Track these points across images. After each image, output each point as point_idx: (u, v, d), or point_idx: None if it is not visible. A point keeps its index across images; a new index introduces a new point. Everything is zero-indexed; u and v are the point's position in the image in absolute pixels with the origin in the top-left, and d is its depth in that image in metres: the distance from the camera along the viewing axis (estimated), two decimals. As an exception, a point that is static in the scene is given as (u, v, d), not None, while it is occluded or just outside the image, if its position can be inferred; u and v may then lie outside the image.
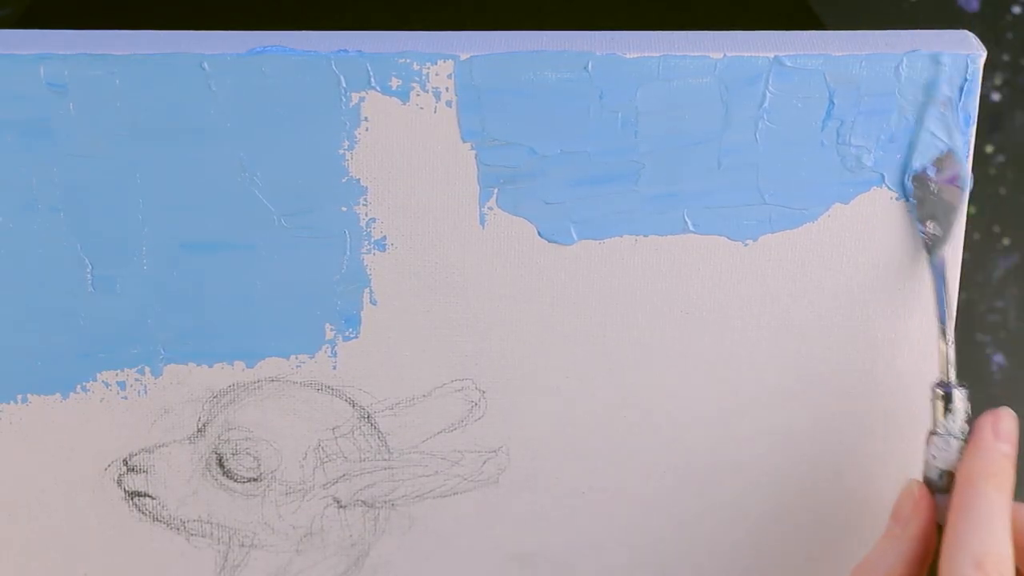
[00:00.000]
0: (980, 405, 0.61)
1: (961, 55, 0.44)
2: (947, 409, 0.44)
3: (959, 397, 0.44)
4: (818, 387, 0.48)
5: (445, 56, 0.44)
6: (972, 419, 0.44)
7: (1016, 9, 0.57)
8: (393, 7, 0.56)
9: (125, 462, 0.49)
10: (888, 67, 0.44)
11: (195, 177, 0.45)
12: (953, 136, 0.45)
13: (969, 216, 0.57)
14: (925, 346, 0.47)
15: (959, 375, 0.45)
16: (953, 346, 0.45)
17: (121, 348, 0.47)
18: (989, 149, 0.58)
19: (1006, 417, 0.43)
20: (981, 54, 0.44)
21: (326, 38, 0.44)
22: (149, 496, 0.49)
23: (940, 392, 0.45)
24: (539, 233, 0.46)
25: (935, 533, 0.43)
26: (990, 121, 0.58)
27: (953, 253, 0.46)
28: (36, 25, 0.47)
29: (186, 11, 0.56)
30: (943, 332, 0.45)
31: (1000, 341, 0.59)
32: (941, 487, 0.44)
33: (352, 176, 0.45)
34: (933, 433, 0.45)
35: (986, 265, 0.58)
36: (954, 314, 0.45)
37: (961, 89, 0.44)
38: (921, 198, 0.45)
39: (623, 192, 0.45)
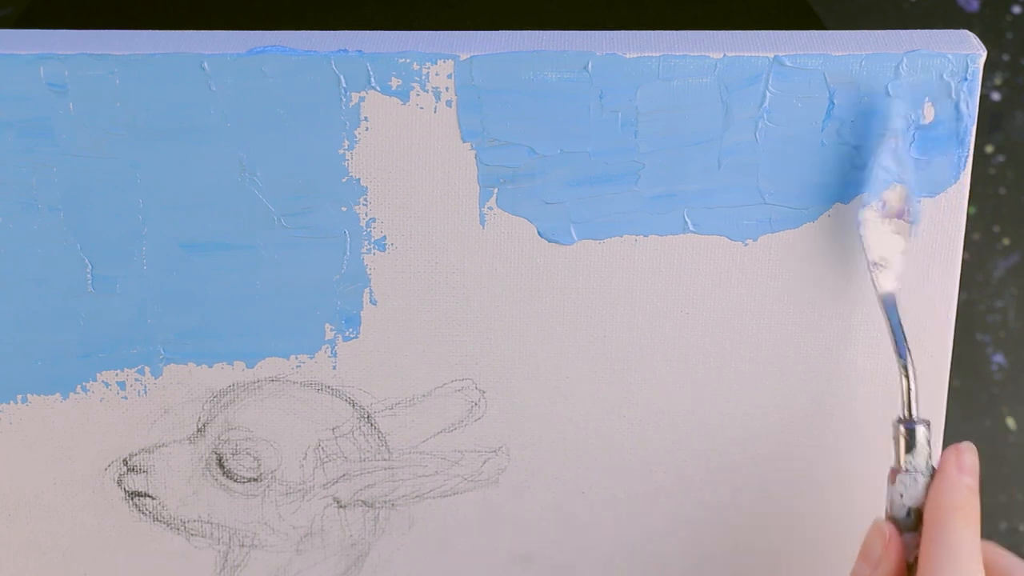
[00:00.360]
0: (980, 405, 0.61)
1: (961, 55, 0.44)
2: (911, 445, 0.44)
3: (923, 433, 0.44)
4: (818, 387, 0.48)
5: (445, 56, 0.44)
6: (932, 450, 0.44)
7: (1016, 9, 0.57)
8: (393, 7, 0.56)
9: (125, 462, 0.49)
10: (888, 67, 0.44)
11: (195, 177, 0.45)
12: (904, 170, 0.44)
13: (969, 216, 0.57)
14: (926, 343, 0.47)
15: (959, 375, 0.45)
16: (915, 380, 0.44)
17: (121, 348, 0.47)
18: (989, 149, 0.58)
19: (967, 451, 0.43)
20: (981, 54, 0.44)
21: (326, 38, 0.44)
22: (149, 496, 0.49)
23: (903, 429, 0.44)
24: (539, 233, 0.46)
25: (905, 572, 0.43)
26: (990, 121, 0.58)
27: (952, 257, 0.46)
28: (36, 25, 0.47)
29: (186, 11, 0.56)
30: (903, 368, 0.44)
31: (1000, 341, 0.59)
32: (908, 525, 0.44)
33: (352, 176, 0.45)
34: (897, 471, 0.44)
35: (986, 265, 0.58)
36: (907, 346, 0.45)
37: (961, 89, 0.44)
38: (870, 231, 0.45)
39: (623, 192, 0.45)
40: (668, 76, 0.44)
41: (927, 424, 0.44)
